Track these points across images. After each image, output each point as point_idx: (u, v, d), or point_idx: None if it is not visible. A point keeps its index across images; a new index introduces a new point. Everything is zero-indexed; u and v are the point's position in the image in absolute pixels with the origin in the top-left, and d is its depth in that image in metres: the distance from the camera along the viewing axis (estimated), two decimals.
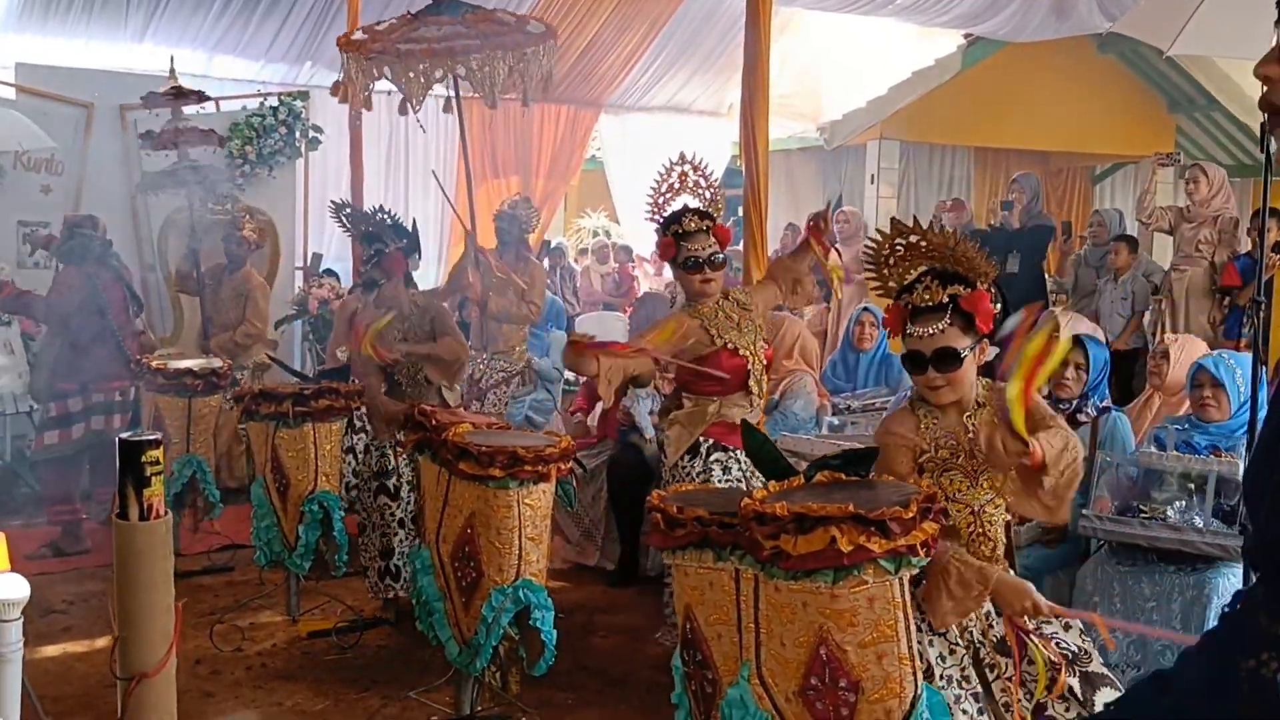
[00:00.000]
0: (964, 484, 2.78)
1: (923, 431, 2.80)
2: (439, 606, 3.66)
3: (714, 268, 4.06)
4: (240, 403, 4.69)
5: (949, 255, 2.74)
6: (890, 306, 2.84)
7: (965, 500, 2.79)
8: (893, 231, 2.81)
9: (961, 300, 2.71)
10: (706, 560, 2.53)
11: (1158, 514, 3.85)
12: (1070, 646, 2.80)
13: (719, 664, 2.55)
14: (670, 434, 4.19)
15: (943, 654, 2.71)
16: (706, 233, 4.05)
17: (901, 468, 2.77)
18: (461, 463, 3.41)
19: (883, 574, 2.31)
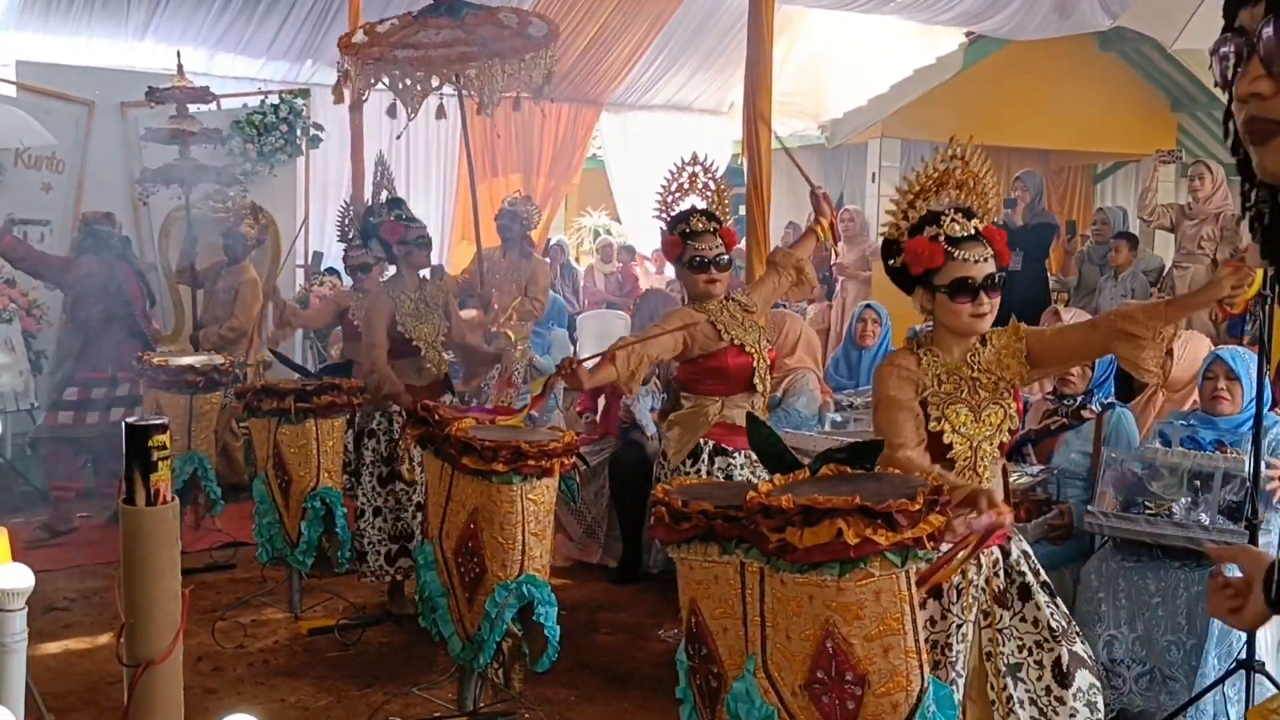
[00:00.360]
0: (968, 417, 2.84)
1: (924, 368, 2.85)
2: (442, 602, 3.65)
3: (720, 269, 4.03)
4: (242, 399, 4.68)
5: (976, 188, 2.80)
6: (916, 241, 2.81)
7: (967, 434, 2.84)
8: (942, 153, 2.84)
9: (983, 231, 2.77)
10: (712, 554, 2.52)
11: (1163, 511, 3.84)
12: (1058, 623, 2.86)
13: (724, 658, 2.54)
14: (670, 436, 4.15)
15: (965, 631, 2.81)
16: (714, 234, 4.02)
17: (903, 394, 2.83)
18: (465, 458, 3.40)
19: (889, 567, 2.30)
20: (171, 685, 1.46)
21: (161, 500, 1.42)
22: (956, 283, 2.78)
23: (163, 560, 1.42)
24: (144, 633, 1.41)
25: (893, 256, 2.88)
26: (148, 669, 1.38)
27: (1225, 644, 3.59)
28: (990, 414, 2.84)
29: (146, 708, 1.41)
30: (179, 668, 1.47)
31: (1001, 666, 2.86)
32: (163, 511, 1.42)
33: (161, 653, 1.38)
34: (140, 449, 1.39)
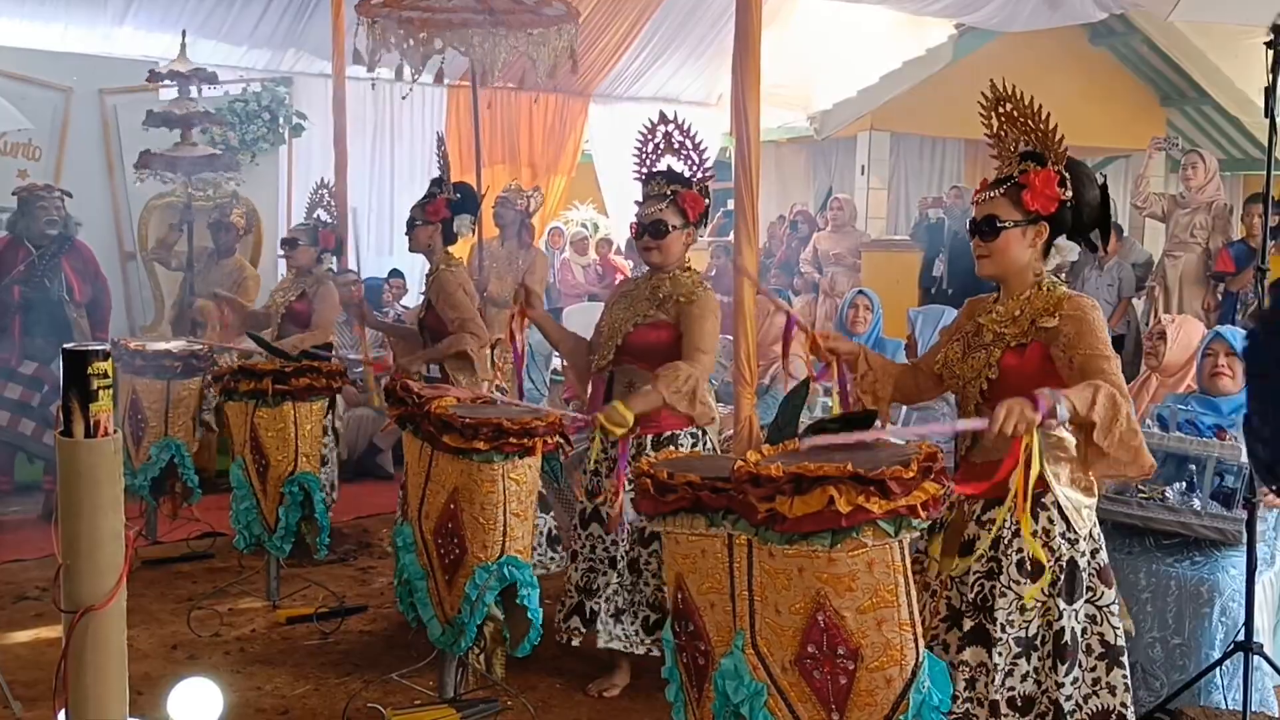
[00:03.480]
0: (956, 355, 2.91)
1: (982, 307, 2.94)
2: (421, 585, 3.55)
3: (654, 235, 3.82)
4: (219, 382, 4.57)
5: (1032, 129, 2.77)
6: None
7: (955, 371, 2.89)
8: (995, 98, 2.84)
9: (1019, 176, 2.76)
10: (698, 526, 2.43)
11: (1156, 495, 3.77)
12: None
13: (711, 634, 2.45)
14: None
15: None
16: (665, 199, 3.83)
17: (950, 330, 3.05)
18: (445, 435, 3.31)
19: (882, 536, 2.21)
20: (113, 634, 1.35)
21: (102, 432, 1.32)
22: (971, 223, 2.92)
23: (104, 497, 1.32)
24: (83, 576, 1.31)
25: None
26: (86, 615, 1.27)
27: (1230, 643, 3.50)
28: (975, 358, 2.85)
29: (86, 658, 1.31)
30: (123, 615, 1.37)
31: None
32: (103, 444, 1.32)
33: (103, 598, 1.28)
34: (79, 377, 1.29)
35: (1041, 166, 2.76)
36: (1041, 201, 2.76)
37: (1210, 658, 3.51)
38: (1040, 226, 2.79)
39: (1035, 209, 2.76)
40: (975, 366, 2.83)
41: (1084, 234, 2.83)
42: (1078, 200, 2.77)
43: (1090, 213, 2.80)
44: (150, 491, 5.45)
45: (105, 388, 1.31)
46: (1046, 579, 2.69)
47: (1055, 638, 2.72)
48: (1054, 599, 2.73)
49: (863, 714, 2.27)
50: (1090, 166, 2.91)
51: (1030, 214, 2.77)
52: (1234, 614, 3.54)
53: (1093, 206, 2.80)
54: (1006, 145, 2.86)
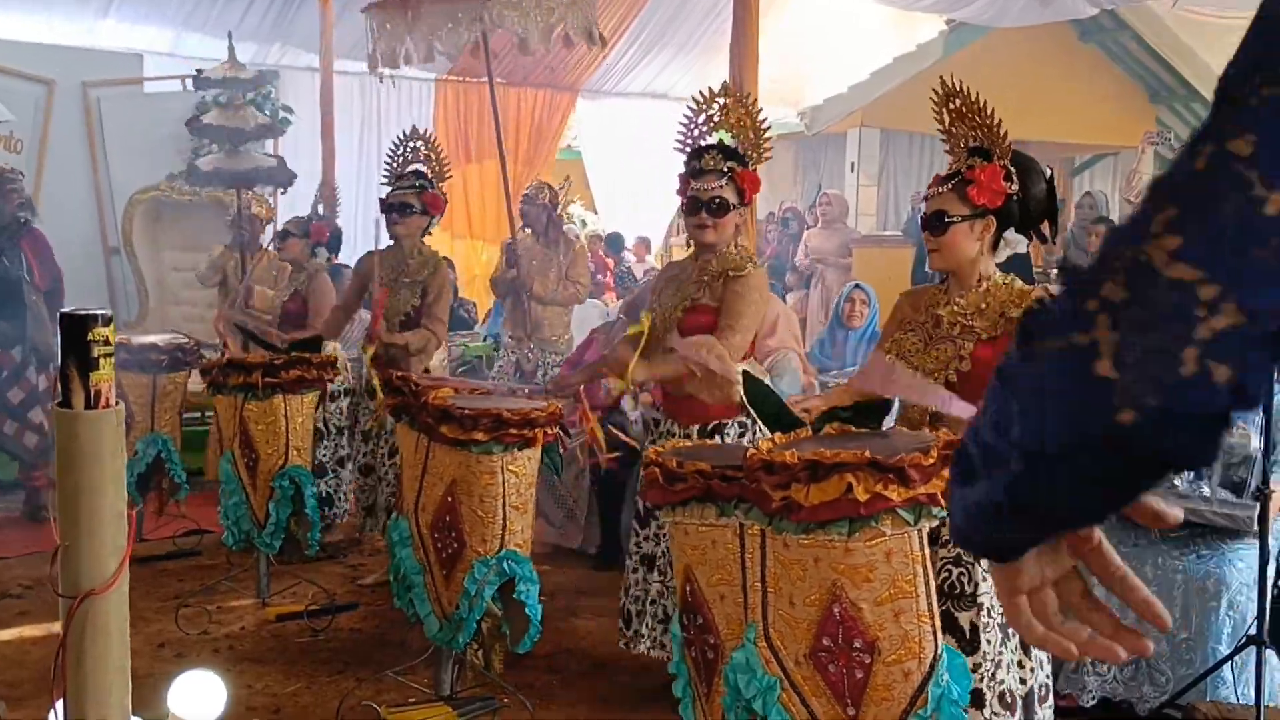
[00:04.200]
0: (916, 346, 2.89)
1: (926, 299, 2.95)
2: (418, 580, 3.47)
3: (712, 213, 3.61)
4: (207, 375, 4.47)
5: (978, 124, 2.79)
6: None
7: (911, 362, 2.85)
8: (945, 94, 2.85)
9: (966, 172, 2.78)
10: (709, 516, 2.36)
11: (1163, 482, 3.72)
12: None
13: (722, 628, 2.38)
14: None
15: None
16: (723, 175, 3.60)
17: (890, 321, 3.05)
18: (443, 426, 3.23)
19: (901, 525, 2.15)
20: (115, 621, 1.26)
21: (104, 403, 1.23)
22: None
23: (104, 473, 1.23)
24: (83, 558, 1.22)
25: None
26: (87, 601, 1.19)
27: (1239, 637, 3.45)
28: (940, 350, 2.84)
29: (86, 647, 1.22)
30: (125, 600, 1.28)
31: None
32: (104, 416, 1.23)
33: (104, 581, 1.19)
34: (77, 343, 1.20)
35: (988, 162, 2.78)
36: (988, 195, 2.78)
37: (1218, 652, 3.46)
38: (988, 220, 2.80)
39: (982, 203, 2.78)
40: (941, 359, 2.82)
41: (1032, 227, 2.84)
42: (1024, 194, 2.79)
43: (1038, 205, 2.81)
44: (136, 488, 5.34)
45: (107, 355, 1.22)
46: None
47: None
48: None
49: (879, 708, 2.20)
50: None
51: (978, 208, 2.79)
52: (1242, 608, 3.49)
53: (1039, 199, 2.81)
54: (957, 141, 2.87)
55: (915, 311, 2.97)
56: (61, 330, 1.24)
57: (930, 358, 2.84)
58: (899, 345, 2.92)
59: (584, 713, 3.84)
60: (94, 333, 1.19)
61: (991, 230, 2.81)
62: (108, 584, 1.20)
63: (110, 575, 1.21)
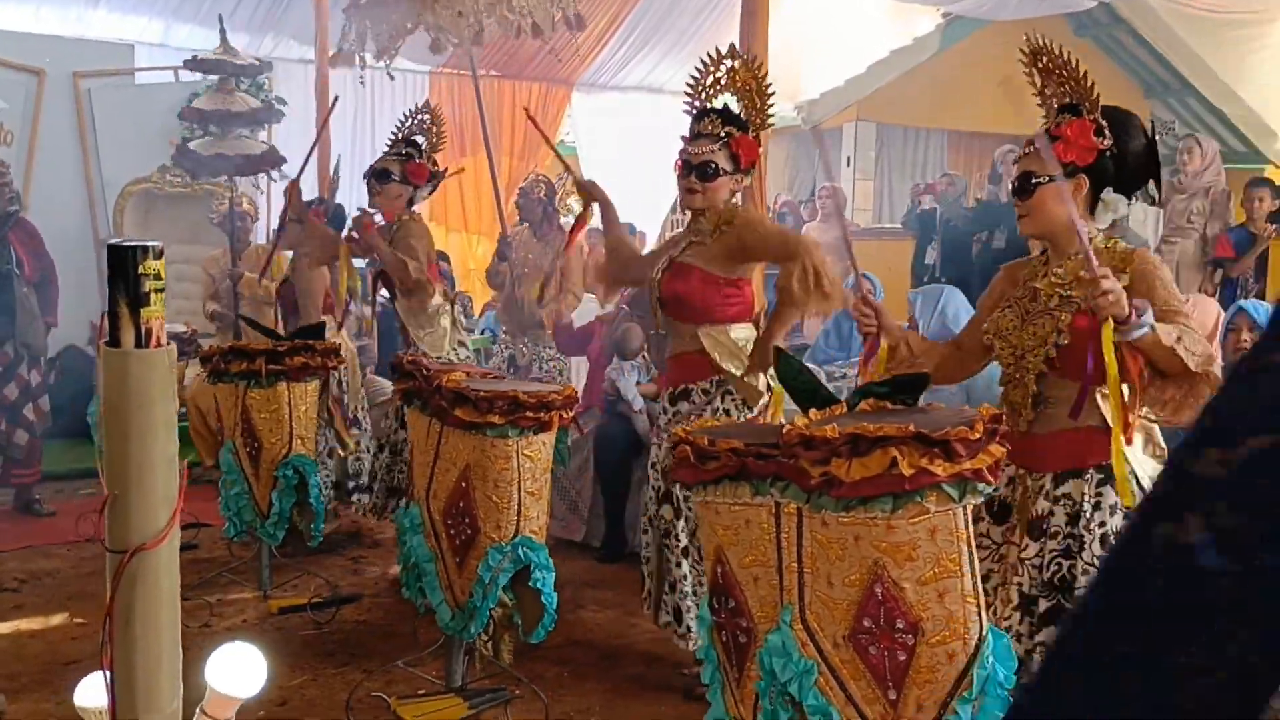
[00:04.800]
0: (1012, 324, 2.73)
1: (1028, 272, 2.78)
2: (430, 568, 3.39)
3: (702, 178, 3.51)
4: (208, 363, 4.38)
5: (1066, 79, 2.68)
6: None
7: (1009, 340, 2.72)
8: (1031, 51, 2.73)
9: (1052, 129, 2.64)
10: (742, 495, 2.28)
11: None
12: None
13: (754, 610, 2.31)
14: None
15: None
16: (719, 140, 3.52)
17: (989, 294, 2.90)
18: (457, 409, 3.15)
19: (946, 501, 2.08)
20: (167, 577, 1.17)
21: (155, 341, 1.14)
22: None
23: (156, 416, 1.14)
24: (133, 509, 1.12)
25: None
26: (137, 556, 1.10)
27: None
28: (1038, 325, 2.66)
29: (135, 606, 1.13)
30: (175, 555, 1.19)
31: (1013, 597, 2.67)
32: (156, 355, 1.14)
33: (155, 536, 1.10)
34: (126, 277, 1.12)
35: (1078, 118, 2.63)
36: (1077, 153, 2.61)
37: None
38: (1079, 179, 2.62)
39: (1071, 161, 2.61)
40: (1039, 333, 2.64)
41: (1133, 186, 2.67)
42: (1120, 150, 2.62)
43: (1136, 162, 2.63)
44: None
45: (158, 290, 1.13)
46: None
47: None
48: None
49: (922, 691, 2.13)
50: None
51: (1067, 166, 2.61)
52: None
53: (1138, 155, 2.64)
54: (1048, 100, 2.74)
55: (1013, 286, 2.81)
56: (110, 264, 1.15)
57: (1028, 334, 2.67)
58: (995, 324, 2.76)
59: (596, 704, 3.77)
60: (144, 266, 1.11)
61: (1084, 190, 2.63)
62: (159, 537, 1.11)
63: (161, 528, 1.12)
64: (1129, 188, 2.66)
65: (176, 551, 1.19)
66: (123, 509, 1.13)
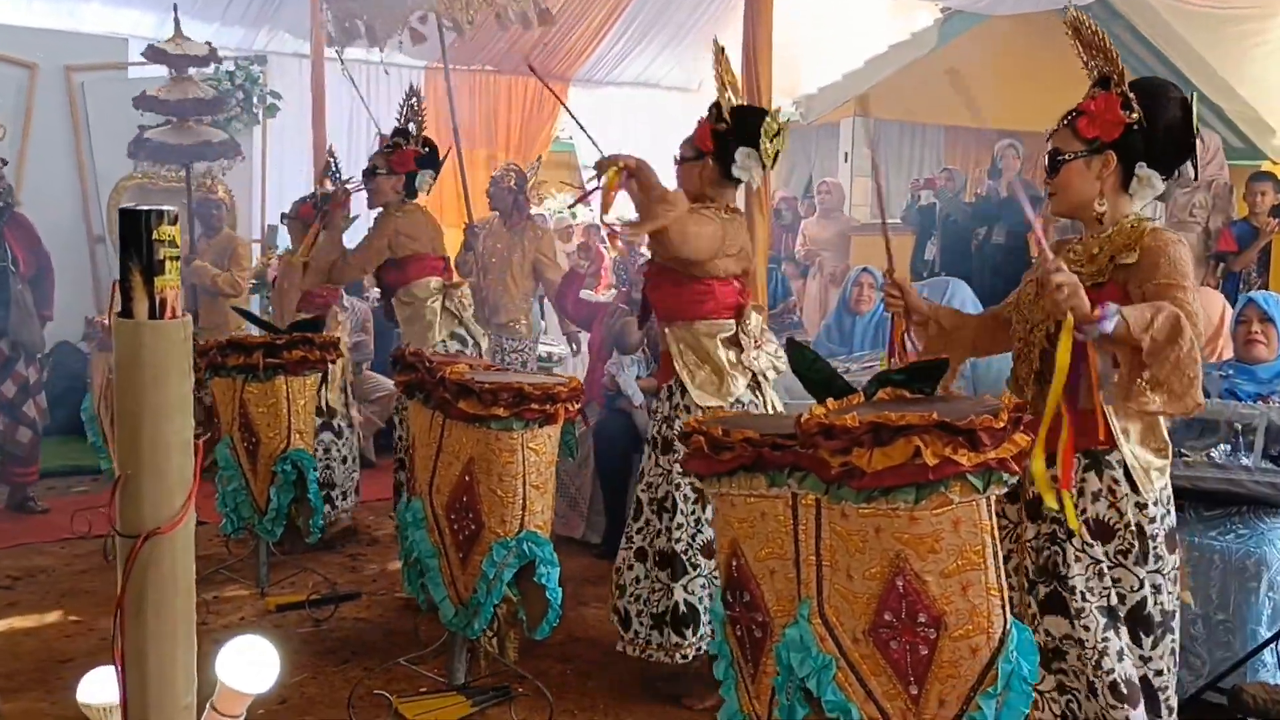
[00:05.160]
0: (1028, 297, 2.70)
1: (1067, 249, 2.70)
2: (433, 564, 3.34)
3: (678, 162, 3.69)
4: (205, 356, 4.31)
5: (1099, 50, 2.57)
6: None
7: (1023, 314, 2.70)
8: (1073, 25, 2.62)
9: (1081, 103, 2.56)
10: (758, 486, 2.23)
11: (1200, 458, 3.60)
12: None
13: (771, 604, 2.25)
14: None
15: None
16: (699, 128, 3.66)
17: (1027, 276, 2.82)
18: (461, 402, 3.10)
19: (970, 492, 2.02)
20: (182, 564, 1.11)
21: (170, 313, 1.08)
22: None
23: (171, 393, 1.07)
24: (145, 491, 1.05)
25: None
26: (150, 541, 1.03)
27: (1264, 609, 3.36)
28: (1048, 300, 2.51)
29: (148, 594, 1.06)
30: (190, 541, 1.12)
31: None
32: (172, 327, 1.07)
33: (170, 519, 1.04)
34: (140, 243, 1.05)
35: (1106, 91, 2.54)
36: (1101, 127, 2.52)
37: (1257, 634, 3.36)
38: (1106, 156, 2.54)
39: (1095, 135, 2.53)
40: (1047, 309, 2.54)
41: (1169, 163, 2.56)
42: (1150, 123, 2.50)
43: (1168, 136, 2.52)
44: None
45: (173, 258, 1.07)
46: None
47: (1135, 609, 2.53)
48: (1126, 567, 2.55)
49: (944, 686, 2.08)
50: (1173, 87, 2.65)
51: (1091, 142, 2.54)
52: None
53: (1171, 128, 2.52)
54: (1090, 74, 2.63)
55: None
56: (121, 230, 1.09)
57: (1039, 307, 2.62)
58: (1017, 297, 2.75)
59: (600, 702, 3.72)
60: (159, 231, 1.04)
61: (1112, 167, 2.54)
62: (174, 521, 1.05)
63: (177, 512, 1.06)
64: (1164, 164, 2.55)
65: (191, 537, 1.13)
66: (135, 491, 1.06)
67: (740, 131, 3.58)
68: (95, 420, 5.22)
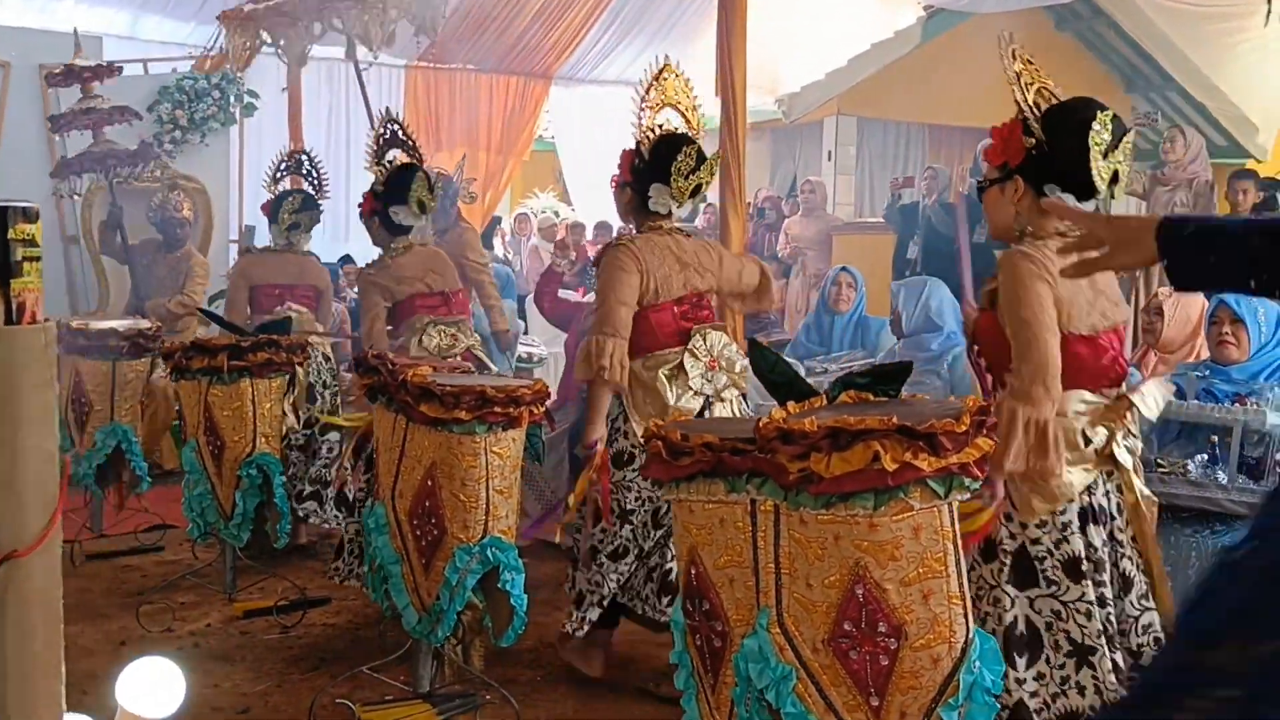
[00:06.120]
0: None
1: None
2: (395, 570, 3.26)
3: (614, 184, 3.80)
4: (170, 359, 4.24)
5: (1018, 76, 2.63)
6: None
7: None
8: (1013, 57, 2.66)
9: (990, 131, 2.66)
10: (717, 492, 2.17)
11: (1176, 469, 3.56)
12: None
13: (730, 613, 2.19)
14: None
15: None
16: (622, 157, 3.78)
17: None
18: (423, 405, 3.03)
19: (930, 498, 1.98)
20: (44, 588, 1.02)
21: (28, 317, 1.00)
22: None
23: (29, 405, 0.99)
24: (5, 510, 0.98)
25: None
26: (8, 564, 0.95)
27: None
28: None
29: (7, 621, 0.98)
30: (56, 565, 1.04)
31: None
32: (29, 334, 0.99)
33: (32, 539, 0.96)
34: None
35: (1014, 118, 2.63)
36: (1005, 153, 2.61)
37: None
38: (1015, 180, 2.60)
39: (1003, 161, 2.62)
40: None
41: (1078, 182, 2.57)
42: (1051, 147, 2.56)
43: (1067, 157, 2.56)
44: (95, 480, 5.10)
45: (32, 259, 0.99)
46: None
47: (1007, 630, 2.56)
48: (1001, 587, 2.57)
49: (906, 698, 2.03)
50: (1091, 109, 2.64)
51: (1002, 167, 2.62)
52: None
53: (1069, 150, 2.55)
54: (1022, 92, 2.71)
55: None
56: None
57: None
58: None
59: (569, 709, 3.66)
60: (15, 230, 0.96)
61: (1021, 190, 2.59)
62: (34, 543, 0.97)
63: (38, 533, 0.98)
64: (1071, 184, 2.57)
65: (57, 559, 1.05)
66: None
67: (654, 166, 3.56)
68: (63, 424, 5.15)
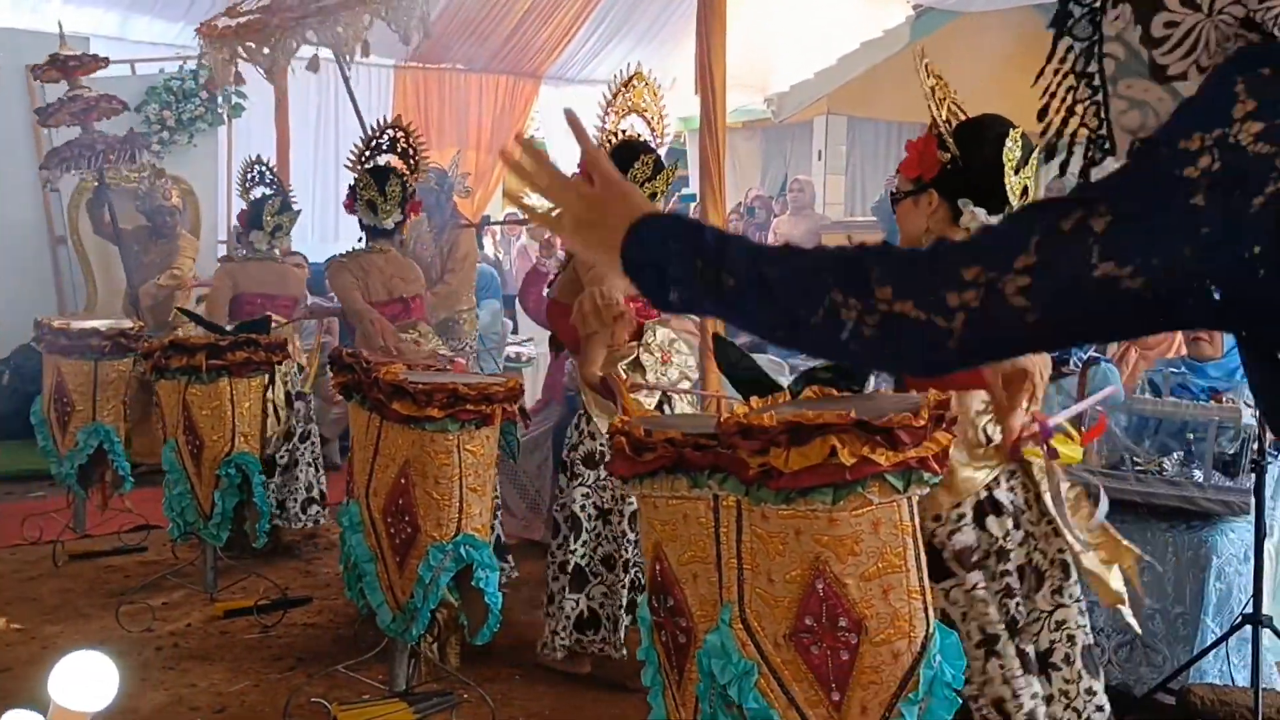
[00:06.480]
0: None
1: None
2: (370, 568, 3.27)
3: None
4: (149, 358, 4.23)
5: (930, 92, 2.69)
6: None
7: None
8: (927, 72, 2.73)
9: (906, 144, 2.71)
10: (679, 488, 2.17)
11: (1153, 467, 3.56)
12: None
13: (694, 609, 2.20)
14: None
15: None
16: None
17: None
18: (395, 403, 3.03)
19: (889, 492, 1.98)
20: None
21: None
22: None
23: None
24: None
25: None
26: None
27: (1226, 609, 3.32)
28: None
29: None
30: None
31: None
32: None
33: None
34: None
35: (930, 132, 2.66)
36: (919, 166, 2.65)
37: (1207, 625, 3.32)
38: (929, 194, 2.64)
39: (918, 174, 2.66)
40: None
41: (989, 196, 2.59)
42: (966, 161, 2.59)
43: (981, 172, 2.58)
44: (78, 481, 5.10)
45: None
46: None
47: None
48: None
49: (866, 693, 2.03)
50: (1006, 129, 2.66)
51: (916, 180, 2.66)
52: (1229, 578, 3.35)
53: (983, 166, 2.58)
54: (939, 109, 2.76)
55: None
56: None
57: None
58: None
59: (547, 707, 3.65)
60: None
61: (935, 203, 2.63)
62: None
63: None
64: (984, 198, 2.60)
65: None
66: None
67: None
68: (45, 424, 5.14)
